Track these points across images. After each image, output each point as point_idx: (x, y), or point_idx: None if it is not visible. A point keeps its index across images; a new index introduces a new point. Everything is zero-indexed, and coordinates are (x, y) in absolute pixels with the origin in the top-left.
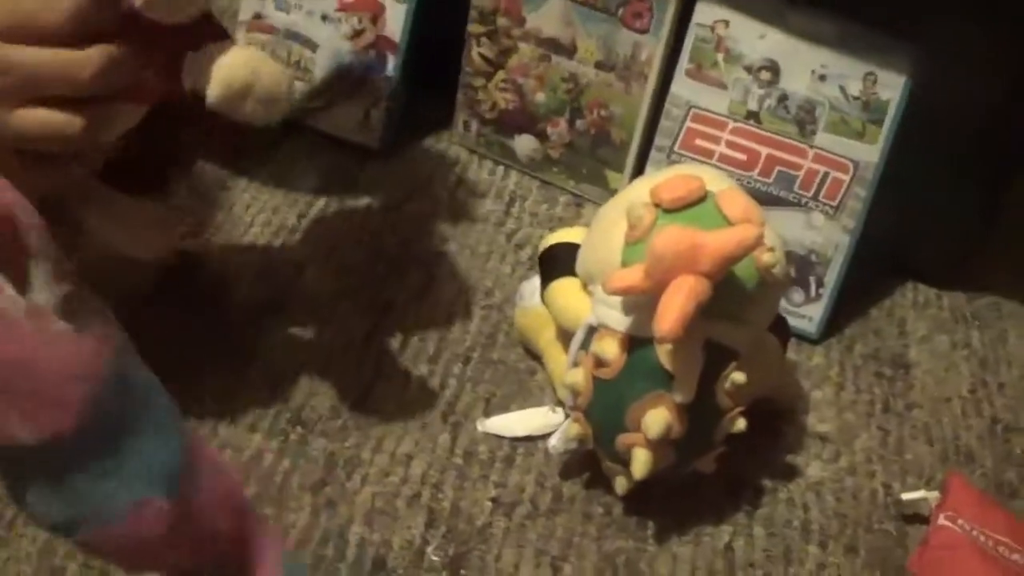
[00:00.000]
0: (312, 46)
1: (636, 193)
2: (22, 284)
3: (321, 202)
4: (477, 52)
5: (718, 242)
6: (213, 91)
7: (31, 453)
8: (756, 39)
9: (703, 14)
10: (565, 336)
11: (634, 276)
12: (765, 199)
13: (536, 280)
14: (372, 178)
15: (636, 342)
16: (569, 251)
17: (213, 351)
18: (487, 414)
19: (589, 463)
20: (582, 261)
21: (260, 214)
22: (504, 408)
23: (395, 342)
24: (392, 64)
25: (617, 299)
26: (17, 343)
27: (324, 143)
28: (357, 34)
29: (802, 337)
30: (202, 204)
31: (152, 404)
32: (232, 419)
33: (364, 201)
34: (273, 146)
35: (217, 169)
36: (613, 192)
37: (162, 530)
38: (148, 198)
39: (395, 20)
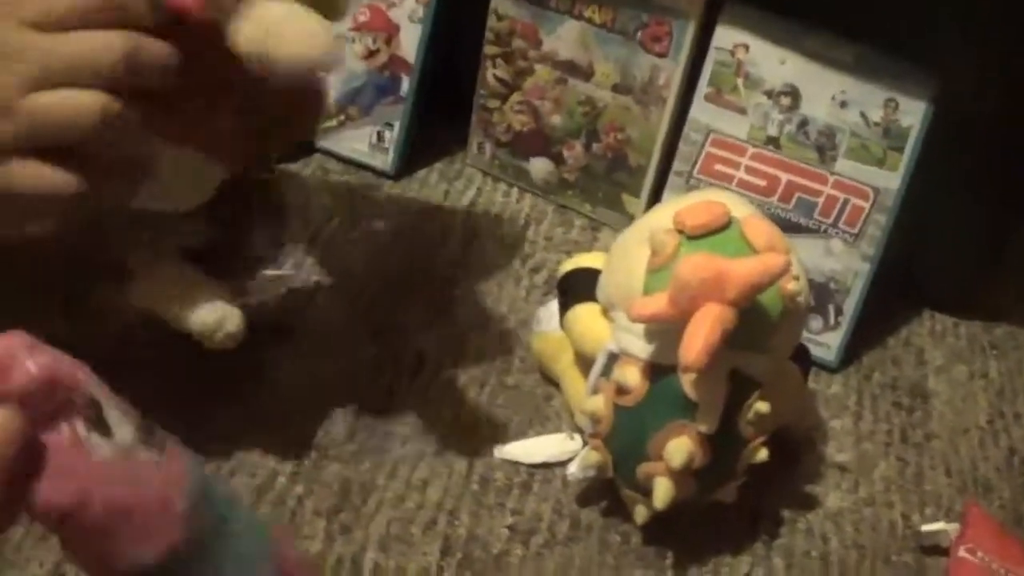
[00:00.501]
0: None
1: (658, 219)
2: (105, 430)
3: (334, 224)
4: (492, 74)
5: (745, 270)
6: (245, 29)
7: (155, 569)
8: (776, 64)
9: (723, 38)
10: (583, 362)
11: (659, 304)
12: (784, 226)
13: (553, 305)
14: (385, 200)
15: (658, 370)
16: (588, 276)
17: (226, 375)
18: (503, 440)
19: (607, 491)
20: (603, 287)
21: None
22: (521, 434)
23: (409, 367)
24: (406, 85)
25: (639, 326)
26: (121, 484)
27: (337, 165)
28: (371, 54)
29: (820, 366)
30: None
31: (230, 494)
32: (245, 443)
33: (377, 224)
34: (285, 167)
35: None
36: (630, 217)
37: None
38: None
39: (410, 41)
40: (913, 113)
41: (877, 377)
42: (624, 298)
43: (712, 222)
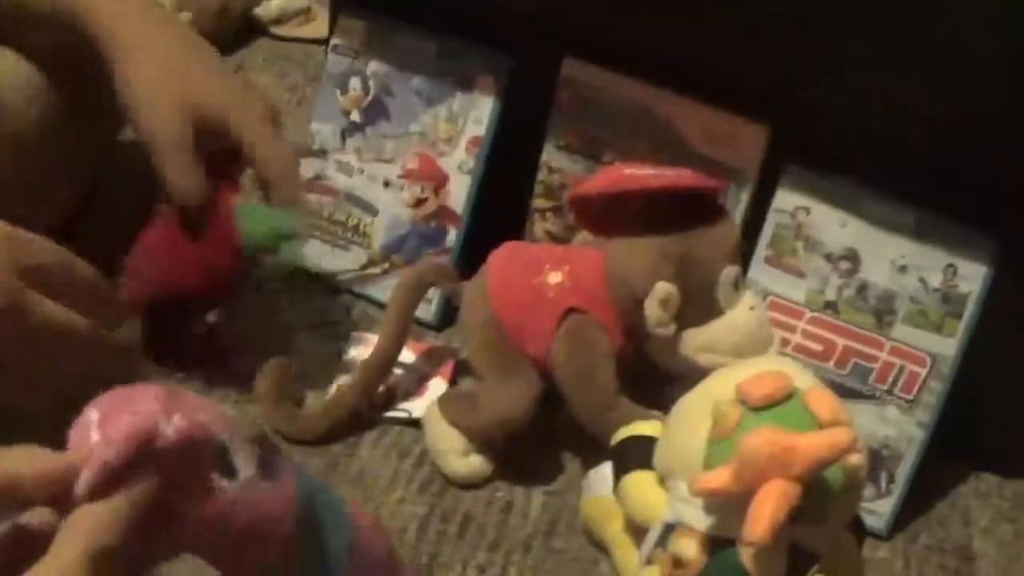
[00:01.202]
0: (372, 211)
1: (720, 387)
2: (232, 472)
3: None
4: (542, 227)
5: (813, 446)
6: None
7: (272, 568)
8: (837, 227)
9: (784, 200)
10: (636, 530)
11: (723, 478)
12: (839, 391)
13: (604, 468)
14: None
15: (717, 542)
16: (644, 444)
17: None
18: None
19: None
20: (661, 455)
21: (313, 384)
22: None
23: (453, 527)
24: (452, 236)
25: (699, 498)
26: (244, 513)
27: (379, 312)
28: (419, 202)
29: (871, 534)
30: None
31: (325, 499)
32: None
33: None
34: (321, 313)
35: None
36: None
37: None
38: None
39: (459, 190)
40: (972, 279)
41: (923, 539)
42: (684, 468)
43: (775, 394)
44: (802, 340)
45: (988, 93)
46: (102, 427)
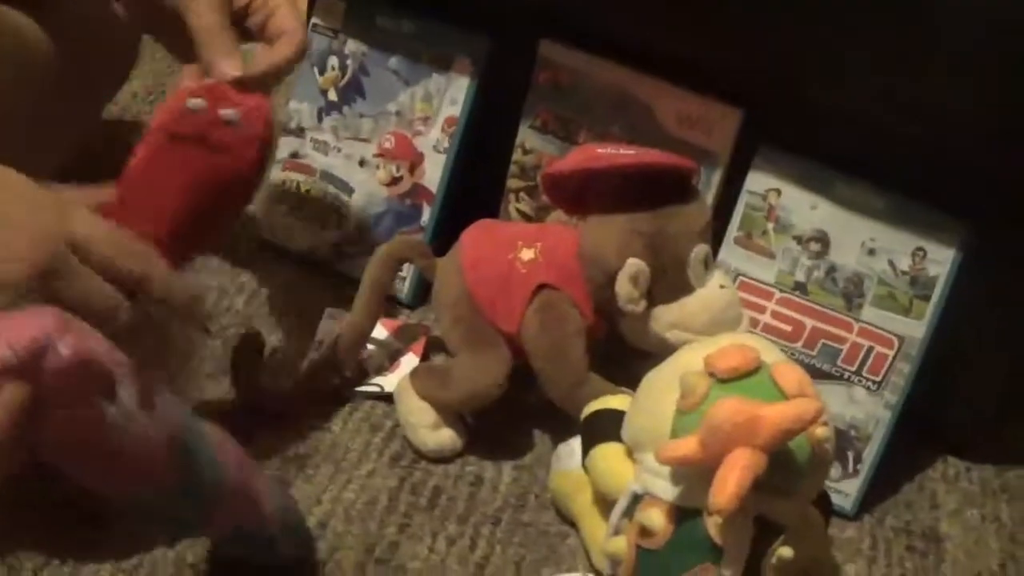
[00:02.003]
0: (348, 190)
1: (688, 361)
2: (114, 398)
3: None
4: (515, 207)
5: (778, 416)
6: None
7: (150, 502)
8: (807, 209)
9: (755, 182)
10: (603, 502)
11: (689, 447)
12: (808, 372)
13: (573, 442)
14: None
15: (684, 513)
16: (612, 417)
17: None
18: None
19: None
20: (629, 427)
21: (285, 359)
22: (535, 573)
23: (423, 500)
24: (427, 215)
25: (666, 468)
26: (125, 437)
27: (353, 290)
28: (394, 181)
29: (837, 513)
30: None
31: (199, 432)
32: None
33: None
34: (295, 288)
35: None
36: None
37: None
38: None
39: (434, 170)
40: (941, 262)
41: (890, 521)
42: (651, 439)
43: (743, 366)
44: (771, 320)
45: (960, 78)
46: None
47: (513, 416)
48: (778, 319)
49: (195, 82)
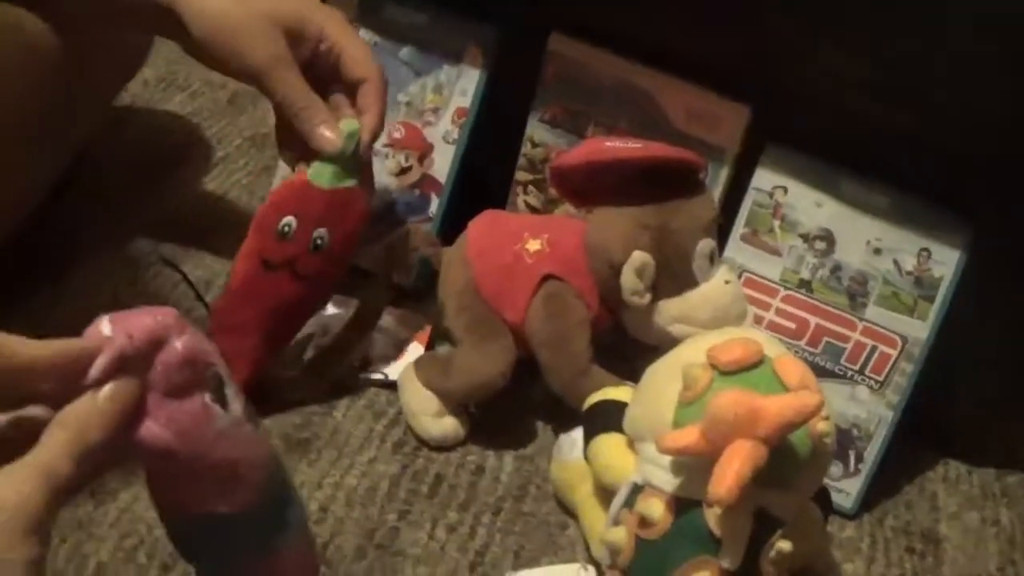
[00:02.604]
0: None
1: (691, 353)
2: (224, 404)
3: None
4: (523, 200)
5: (779, 408)
6: None
7: (220, 519)
8: (813, 207)
9: (762, 179)
10: (604, 492)
11: (690, 437)
12: (811, 370)
13: (575, 433)
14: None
15: (683, 504)
16: (614, 408)
17: None
18: (516, 567)
19: None
20: (631, 418)
21: (292, 346)
22: (534, 562)
23: (424, 487)
24: (435, 205)
25: (666, 459)
26: (231, 447)
27: (358, 276)
28: (403, 171)
29: (837, 512)
30: None
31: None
32: None
33: None
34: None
35: None
36: None
37: (297, 563)
38: None
39: (443, 160)
40: (946, 263)
41: (890, 521)
42: (653, 430)
43: (746, 359)
44: (775, 318)
45: (967, 77)
46: (115, 325)
47: (516, 407)
48: (782, 316)
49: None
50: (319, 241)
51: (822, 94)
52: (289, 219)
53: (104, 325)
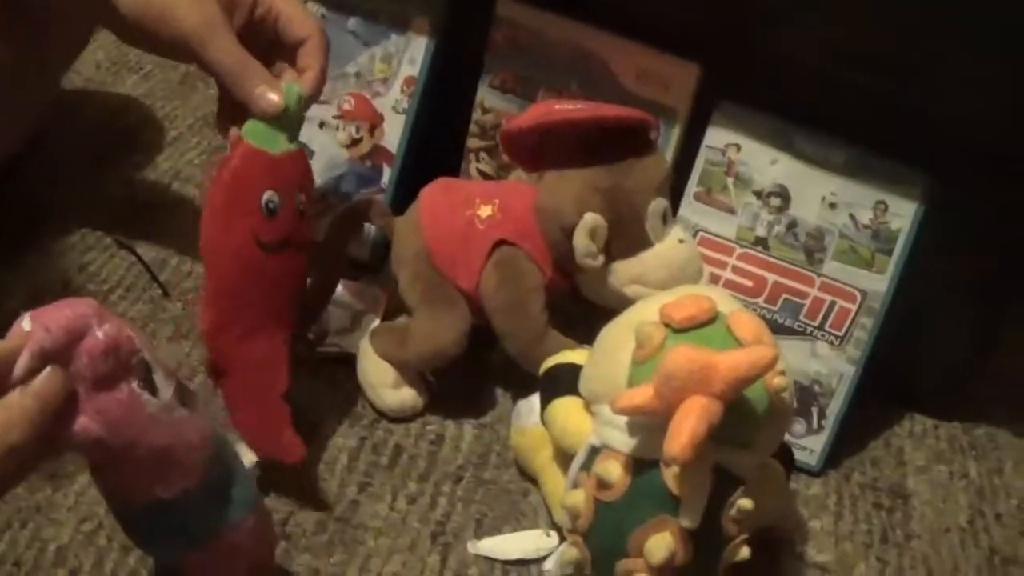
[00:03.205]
0: (308, 153)
1: (644, 312)
2: (152, 390)
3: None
4: (476, 167)
5: (732, 363)
6: None
7: (163, 504)
8: (767, 164)
9: (714, 137)
10: (563, 457)
11: (643, 395)
12: (770, 328)
13: (533, 399)
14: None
15: (641, 464)
16: (571, 371)
17: None
18: (478, 536)
19: None
20: (586, 380)
21: None
22: (496, 530)
23: (384, 459)
24: (387, 175)
25: (622, 419)
26: (163, 432)
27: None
28: (354, 143)
29: (802, 470)
30: None
31: (232, 452)
32: None
33: None
34: None
35: None
36: None
37: (253, 537)
38: None
39: (394, 130)
40: (903, 216)
41: (857, 477)
42: (608, 391)
43: (699, 315)
44: (732, 276)
45: (918, 27)
46: (35, 321)
47: (475, 375)
48: (739, 275)
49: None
50: (301, 207)
51: (773, 50)
52: (270, 193)
53: (25, 322)
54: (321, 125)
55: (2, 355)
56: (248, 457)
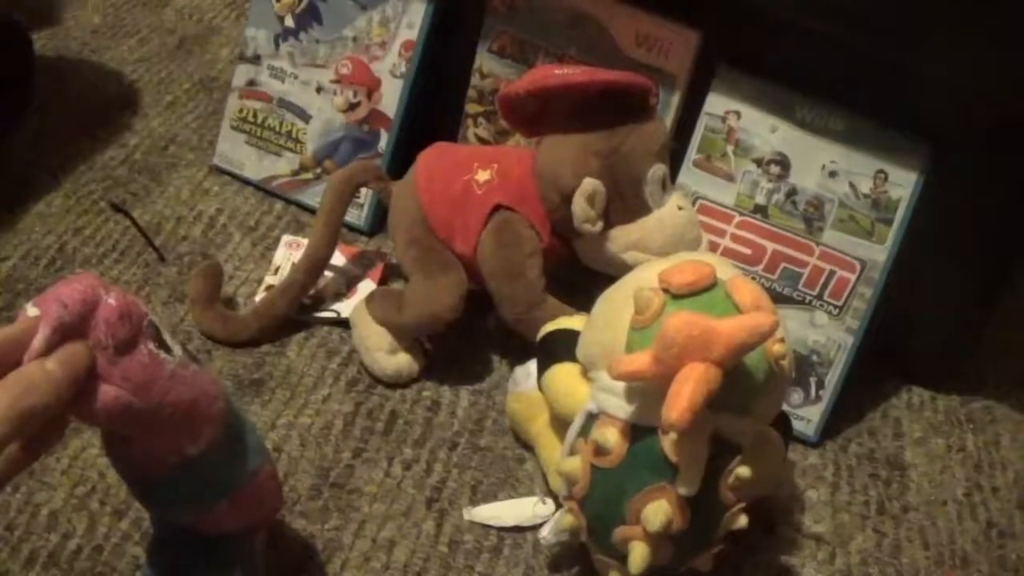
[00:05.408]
0: (305, 117)
1: (643, 278)
2: (167, 349)
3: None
4: (474, 132)
5: (732, 329)
6: None
7: (192, 462)
8: (767, 132)
9: (714, 104)
10: (560, 424)
11: (642, 361)
12: (769, 296)
13: (530, 365)
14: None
15: (638, 431)
16: (568, 337)
17: None
18: (474, 502)
19: (580, 557)
20: (584, 345)
21: (242, 286)
22: (491, 496)
23: (379, 424)
24: (385, 140)
25: (620, 386)
26: (185, 386)
27: (310, 217)
28: (352, 107)
29: (800, 440)
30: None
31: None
32: None
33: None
34: (252, 216)
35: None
36: None
37: (270, 483)
38: None
39: (391, 95)
40: (903, 185)
41: (854, 448)
42: (606, 356)
43: (698, 281)
44: (731, 244)
45: None
46: (41, 304)
47: (471, 341)
48: (738, 242)
49: None
50: None
51: (774, 17)
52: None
53: (30, 309)
54: (318, 89)
55: (15, 336)
56: None
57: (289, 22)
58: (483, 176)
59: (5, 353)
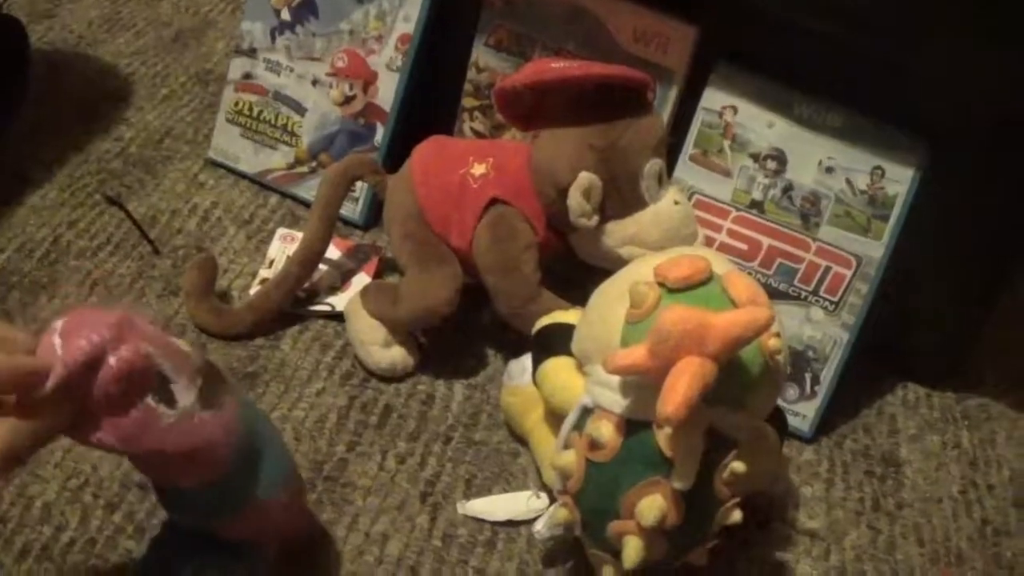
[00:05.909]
0: (301, 110)
1: (639, 272)
2: (171, 400)
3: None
4: (470, 126)
5: (727, 323)
6: None
7: (194, 491)
8: (764, 127)
9: (711, 99)
10: (554, 418)
11: (637, 355)
12: (765, 292)
13: (525, 359)
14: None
15: (633, 425)
16: (563, 331)
17: None
18: (468, 496)
19: (574, 551)
20: (579, 339)
21: (237, 279)
22: (485, 491)
23: (373, 418)
24: (380, 133)
25: (615, 380)
26: (184, 437)
27: (305, 211)
28: (347, 100)
29: (795, 436)
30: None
31: (268, 431)
32: None
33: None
34: (247, 209)
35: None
36: None
37: (282, 514)
38: None
39: (387, 88)
40: (900, 181)
41: (849, 444)
42: (601, 351)
43: (694, 275)
44: (727, 239)
45: None
46: (64, 340)
47: (466, 335)
48: (734, 238)
49: None
50: None
51: (771, 12)
52: None
53: (56, 344)
54: (314, 82)
55: (35, 369)
56: None
57: (285, 15)
58: (479, 170)
59: (22, 378)
